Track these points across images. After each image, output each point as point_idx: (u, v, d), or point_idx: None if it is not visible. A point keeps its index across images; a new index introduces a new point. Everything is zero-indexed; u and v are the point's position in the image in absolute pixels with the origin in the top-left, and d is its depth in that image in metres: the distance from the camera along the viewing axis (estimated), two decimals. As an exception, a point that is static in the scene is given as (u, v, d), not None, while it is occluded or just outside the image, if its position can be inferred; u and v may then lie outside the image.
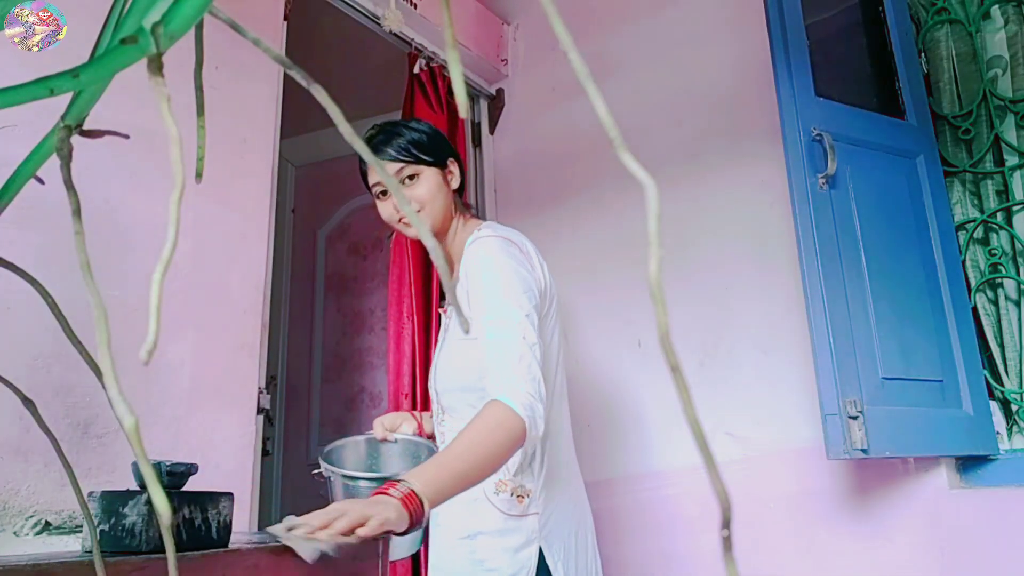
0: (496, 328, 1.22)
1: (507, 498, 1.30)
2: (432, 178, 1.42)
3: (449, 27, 0.22)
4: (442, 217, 1.44)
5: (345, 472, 1.34)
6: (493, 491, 1.30)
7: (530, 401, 1.13)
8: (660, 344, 0.19)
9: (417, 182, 1.41)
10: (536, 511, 1.30)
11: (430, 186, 1.42)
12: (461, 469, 1.07)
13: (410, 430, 1.52)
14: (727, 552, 0.19)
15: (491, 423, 1.11)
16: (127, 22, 0.26)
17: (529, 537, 1.28)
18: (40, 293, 0.34)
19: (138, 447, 0.22)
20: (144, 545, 0.77)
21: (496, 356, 1.20)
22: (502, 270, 1.29)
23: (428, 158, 1.43)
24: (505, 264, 1.30)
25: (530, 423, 1.12)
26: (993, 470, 1.78)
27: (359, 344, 2.98)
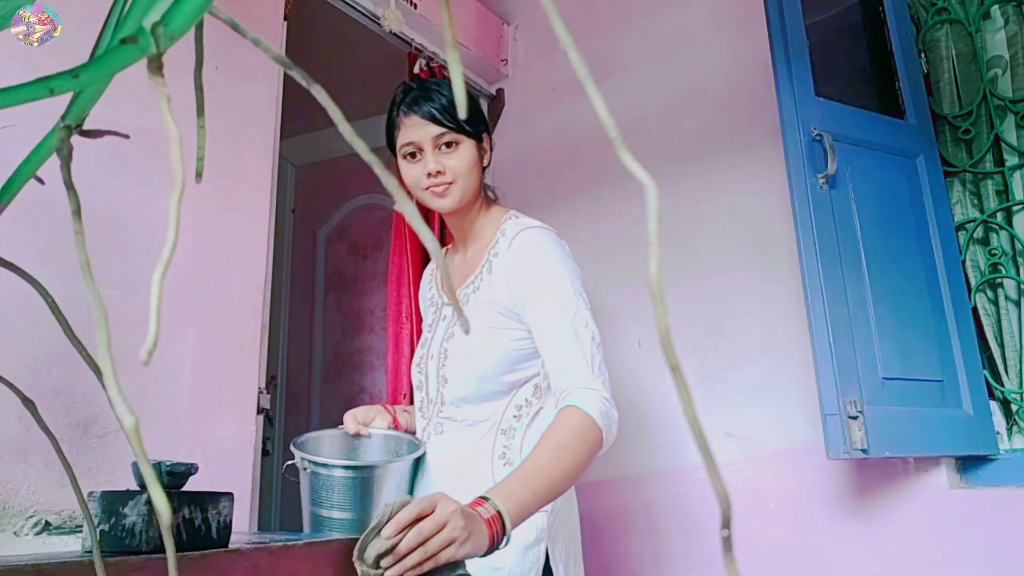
0: (570, 325, 1.18)
1: None
2: (471, 150, 1.33)
3: (449, 27, 0.22)
4: (472, 194, 1.35)
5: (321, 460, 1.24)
6: None
7: (607, 408, 1.11)
8: (660, 344, 0.19)
9: (455, 151, 1.31)
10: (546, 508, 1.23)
11: (468, 159, 1.32)
12: (543, 486, 1.03)
13: (384, 424, 1.41)
14: (727, 552, 0.19)
15: (572, 433, 1.07)
16: (127, 22, 0.26)
17: (538, 535, 1.22)
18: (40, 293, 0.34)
19: (138, 447, 0.22)
20: (144, 545, 0.77)
21: (570, 355, 1.16)
22: (566, 266, 1.25)
23: (469, 128, 1.32)
24: (566, 260, 1.26)
25: (607, 432, 1.10)
26: (993, 470, 1.78)
27: (359, 344, 2.98)
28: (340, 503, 1.20)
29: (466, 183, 1.31)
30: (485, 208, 1.40)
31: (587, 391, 1.12)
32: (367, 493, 1.21)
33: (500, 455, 1.26)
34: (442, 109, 1.30)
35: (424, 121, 1.30)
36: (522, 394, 1.29)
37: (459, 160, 1.31)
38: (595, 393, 1.12)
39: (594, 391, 1.12)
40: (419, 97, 1.31)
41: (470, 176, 1.32)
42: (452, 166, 1.30)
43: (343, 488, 1.20)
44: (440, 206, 1.34)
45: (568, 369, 1.15)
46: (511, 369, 1.27)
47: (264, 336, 1.71)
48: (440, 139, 1.30)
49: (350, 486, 1.20)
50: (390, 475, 1.25)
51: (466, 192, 1.33)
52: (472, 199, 1.36)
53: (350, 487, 1.20)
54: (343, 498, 1.20)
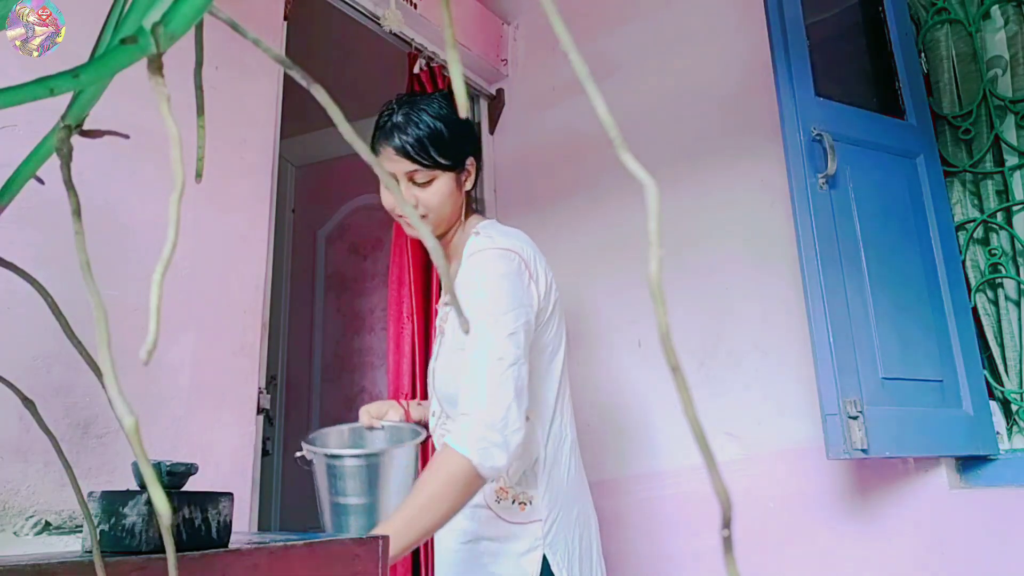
0: (472, 352, 1.18)
1: (508, 505, 1.27)
2: (445, 184, 1.31)
3: (449, 27, 0.22)
4: (447, 221, 1.35)
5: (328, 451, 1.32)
6: (494, 499, 1.27)
7: (483, 442, 1.09)
8: (660, 344, 0.19)
9: (429, 186, 1.30)
10: (539, 518, 1.26)
11: (441, 193, 1.30)
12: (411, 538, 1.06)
13: (396, 417, 1.47)
14: (727, 552, 0.19)
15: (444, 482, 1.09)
16: (127, 22, 0.26)
17: (532, 544, 1.24)
18: (40, 293, 0.34)
19: (138, 447, 0.22)
20: (144, 545, 0.77)
21: (466, 380, 1.17)
22: (490, 288, 1.23)
23: (446, 161, 1.30)
24: (495, 282, 1.23)
25: (484, 470, 1.09)
26: (993, 470, 1.78)
27: (359, 344, 2.98)
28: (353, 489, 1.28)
29: (439, 215, 1.31)
30: (463, 225, 1.38)
31: (464, 421, 1.12)
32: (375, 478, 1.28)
33: None
34: (417, 145, 1.27)
35: (397, 156, 1.28)
36: None
37: (432, 195, 1.30)
38: (469, 423, 1.11)
39: (468, 419, 1.11)
40: (394, 129, 1.28)
41: (444, 208, 1.31)
42: (425, 200, 1.29)
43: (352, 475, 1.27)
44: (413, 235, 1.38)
45: (466, 395, 1.15)
46: None
47: (264, 336, 1.71)
48: (413, 175, 1.28)
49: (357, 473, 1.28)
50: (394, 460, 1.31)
51: (439, 222, 1.33)
52: (449, 225, 1.36)
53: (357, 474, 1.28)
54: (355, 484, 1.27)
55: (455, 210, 1.35)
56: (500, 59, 2.73)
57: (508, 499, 1.27)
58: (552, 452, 1.30)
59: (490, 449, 1.09)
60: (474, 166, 1.37)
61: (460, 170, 1.33)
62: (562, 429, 1.33)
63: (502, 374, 1.14)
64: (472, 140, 1.38)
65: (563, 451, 1.32)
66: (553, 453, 1.30)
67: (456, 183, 1.33)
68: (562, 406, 1.34)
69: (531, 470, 1.28)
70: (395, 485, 1.30)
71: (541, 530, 1.25)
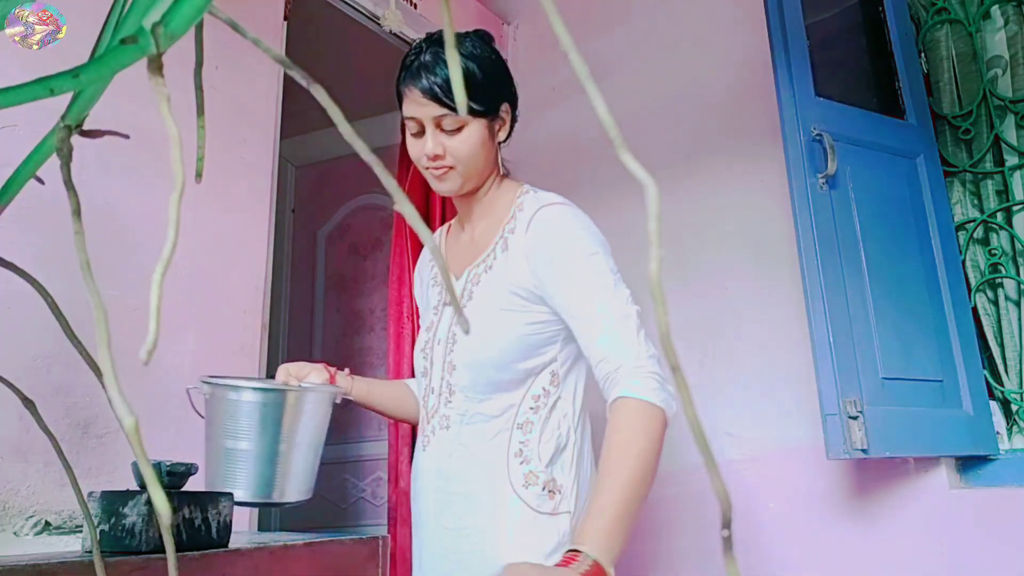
0: (609, 305, 1.08)
1: (538, 492, 1.11)
2: (477, 132, 1.17)
3: (449, 27, 0.22)
4: (478, 175, 1.21)
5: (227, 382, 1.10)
6: (522, 483, 1.12)
7: (658, 383, 1.02)
8: (660, 344, 0.19)
9: (459, 133, 1.16)
10: (568, 509, 1.12)
11: (472, 141, 1.17)
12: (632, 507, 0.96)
13: (319, 380, 1.27)
14: (727, 552, 0.19)
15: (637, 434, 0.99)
16: (127, 22, 0.26)
17: (560, 540, 1.10)
18: (40, 293, 0.34)
19: (138, 447, 0.22)
20: (144, 545, 0.77)
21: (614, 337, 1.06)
22: (597, 242, 1.15)
23: (478, 106, 1.17)
24: (596, 236, 1.17)
25: (668, 408, 1.02)
26: (993, 470, 1.78)
27: (359, 344, 2.98)
28: (246, 432, 1.07)
29: (469, 167, 1.18)
30: (498, 183, 1.27)
31: (634, 373, 1.02)
32: (276, 423, 1.10)
33: (516, 452, 1.14)
34: (445, 86, 1.13)
35: (425, 99, 1.15)
36: (539, 383, 1.16)
37: (461, 143, 1.16)
38: (642, 371, 1.02)
39: (640, 369, 1.03)
40: (422, 69, 1.15)
41: (475, 159, 1.18)
42: (454, 149, 1.16)
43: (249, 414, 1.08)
44: (439, 189, 1.23)
45: (612, 352, 1.06)
46: (527, 355, 1.15)
47: (264, 336, 1.71)
48: (441, 120, 1.15)
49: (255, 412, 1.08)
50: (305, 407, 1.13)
51: (469, 176, 1.20)
52: (479, 180, 1.23)
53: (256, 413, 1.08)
54: (249, 426, 1.07)
55: (488, 163, 1.22)
56: (500, 59, 2.73)
57: (538, 484, 1.12)
58: (579, 436, 1.18)
59: (665, 385, 1.03)
60: (509, 114, 1.24)
61: (494, 117, 1.21)
62: (584, 413, 1.22)
63: (641, 323, 1.08)
64: (508, 84, 1.26)
65: (587, 437, 1.21)
66: (580, 437, 1.18)
67: (489, 132, 1.20)
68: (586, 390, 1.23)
69: (560, 453, 1.15)
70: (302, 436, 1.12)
71: (569, 524, 1.11)
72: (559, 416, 1.16)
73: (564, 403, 1.17)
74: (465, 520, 1.13)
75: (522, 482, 1.11)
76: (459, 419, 1.17)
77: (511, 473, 1.12)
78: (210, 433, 1.11)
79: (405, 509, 2.28)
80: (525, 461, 1.12)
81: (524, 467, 1.12)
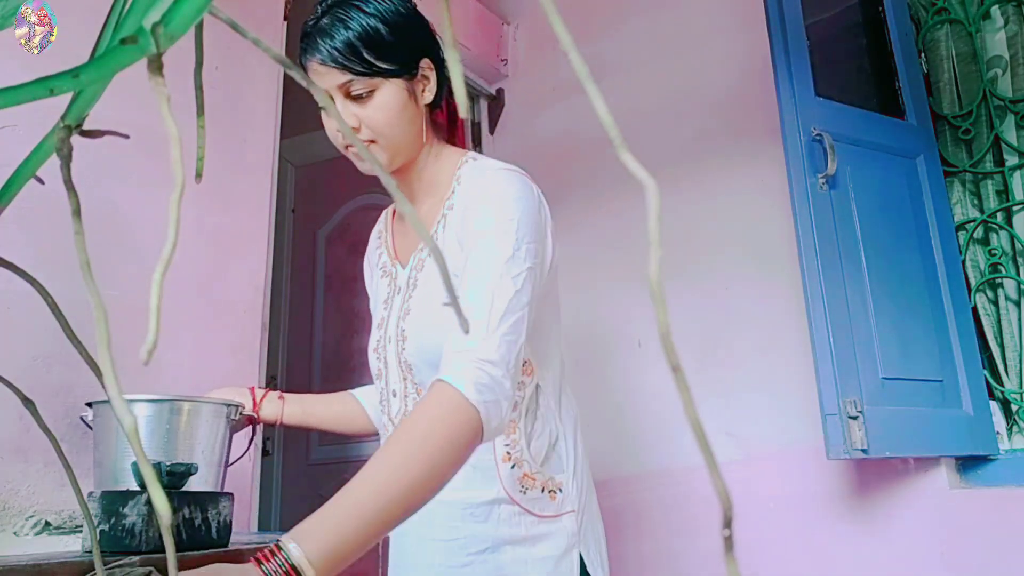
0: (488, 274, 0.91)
1: (537, 496, 1.02)
2: (392, 95, 1.01)
3: (449, 27, 0.22)
4: (407, 146, 1.05)
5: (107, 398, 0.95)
6: (519, 489, 1.01)
7: (485, 376, 0.82)
8: (661, 344, 0.19)
9: (371, 100, 1.00)
10: (571, 508, 1.03)
11: (388, 106, 1.01)
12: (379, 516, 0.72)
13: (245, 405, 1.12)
14: (728, 552, 0.19)
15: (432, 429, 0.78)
16: (127, 22, 0.26)
17: (569, 542, 1.01)
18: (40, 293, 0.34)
19: (137, 447, 0.22)
20: (144, 545, 0.77)
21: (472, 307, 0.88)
22: (519, 210, 0.97)
23: (388, 65, 1.00)
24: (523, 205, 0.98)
25: (485, 410, 0.80)
26: (993, 470, 1.78)
27: (359, 344, 2.97)
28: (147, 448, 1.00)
29: (391, 139, 1.03)
30: (435, 154, 1.11)
31: (462, 356, 0.83)
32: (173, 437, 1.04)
33: (504, 456, 1.01)
34: (346, 49, 0.98)
35: (325, 68, 1.00)
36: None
37: (376, 110, 1.00)
38: (470, 356, 0.83)
39: (469, 353, 0.83)
40: (318, 35, 1.00)
41: (395, 128, 1.02)
42: (368, 118, 1.01)
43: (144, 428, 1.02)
44: (364, 169, 1.08)
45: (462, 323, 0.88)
46: None
47: (264, 336, 1.71)
48: (348, 87, 1.00)
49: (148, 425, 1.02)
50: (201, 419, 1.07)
51: (394, 148, 1.04)
52: (409, 153, 1.07)
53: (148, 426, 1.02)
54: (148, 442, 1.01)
55: (414, 131, 1.05)
56: (500, 59, 2.73)
57: (536, 487, 1.02)
58: (569, 428, 1.08)
59: (499, 401, 0.82)
60: (433, 70, 1.07)
61: (411, 76, 1.04)
62: (570, 404, 1.12)
63: (514, 310, 0.89)
64: (423, 36, 1.08)
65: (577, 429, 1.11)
66: (570, 429, 1.08)
67: (409, 93, 1.03)
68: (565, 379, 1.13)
69: (553, 449, 1.04)
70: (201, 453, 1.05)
71: (575, 523, 1.02)
72: (544, 409, 1.05)
73: (546, 393, 1.05)
74: (459, 531, 1.01)
75: (518, 487, 1.01)
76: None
77: (503, 480, 1.01)
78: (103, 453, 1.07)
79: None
80: (517, 464, 1.01)
81: (517, 471, 1.01)
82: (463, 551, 1.01)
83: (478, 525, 1.00)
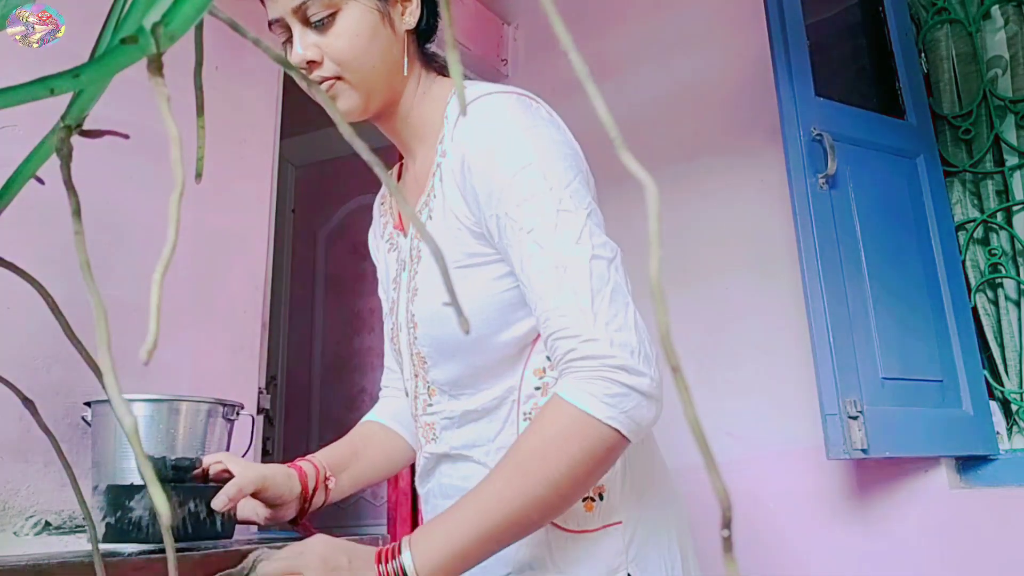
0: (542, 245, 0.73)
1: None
2: (360, 18, 0.84)
3: (449, 27, 0.22)
4: (383, 82, 0.87)
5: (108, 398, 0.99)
6: None
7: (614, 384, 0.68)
8: (661, 344, 0.19)
9: (331, 25, 0.83)
10: (618, 519, 0.82)
11: (352, 31, 0.83)
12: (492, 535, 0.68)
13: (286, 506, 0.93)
14: (727, 552, 0.19)
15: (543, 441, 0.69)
16: (127, 22, 0.26)
17: (611, 563, 0.81)
18: (40, 293, 0.34)
19: (137, 447, 0.22)
20: (150, 538, 0.78)
21: (552, 296, 0.72)
22: (536, 144, 0.78)
23: None
24: (537, 133, 0.80)
25: (624, 422, 0.69)
26: (993, 470, 1.78)
27: (359, 344, 2.98)
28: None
29: (361, 74, 0.85)
30: (424, 90, 0.91)
31: (579, 365, 0.70)
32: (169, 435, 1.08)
33: None
34: None
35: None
36: (537, 354, 0.84)
37: (337, 37, 0.83)
38: (592, 365, 0.69)
39: (590, 360, 0.69)
40: None
41: (364, 58, 0.84)
42: (330, 47, 0.83)
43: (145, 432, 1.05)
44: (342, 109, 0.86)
45: (553, 322, 0.72)
46: (506, 322, 0.83)
47: (264, 336, 1.71)
48: (305, 10, 0.83)
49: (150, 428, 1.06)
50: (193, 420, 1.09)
51: (368, 87, 0.86)
52: (389, 91, 0.89)
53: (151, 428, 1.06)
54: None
55: (390, 62, 0.87)
56: (500, 59, 2.73)
57: None
58: None
59: (626, 389, 0.69)
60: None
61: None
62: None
63: (607, 276, 0.72)
64: None
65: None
66: None
67: (381, 15, 0.85)
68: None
69: None
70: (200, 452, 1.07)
71: (622, 538, 0.82)
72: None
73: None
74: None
75: None
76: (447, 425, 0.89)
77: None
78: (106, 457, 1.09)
79: (405, 509, 2.28)
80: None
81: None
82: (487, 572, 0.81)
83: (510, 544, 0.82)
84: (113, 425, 1.09)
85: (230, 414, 1.17)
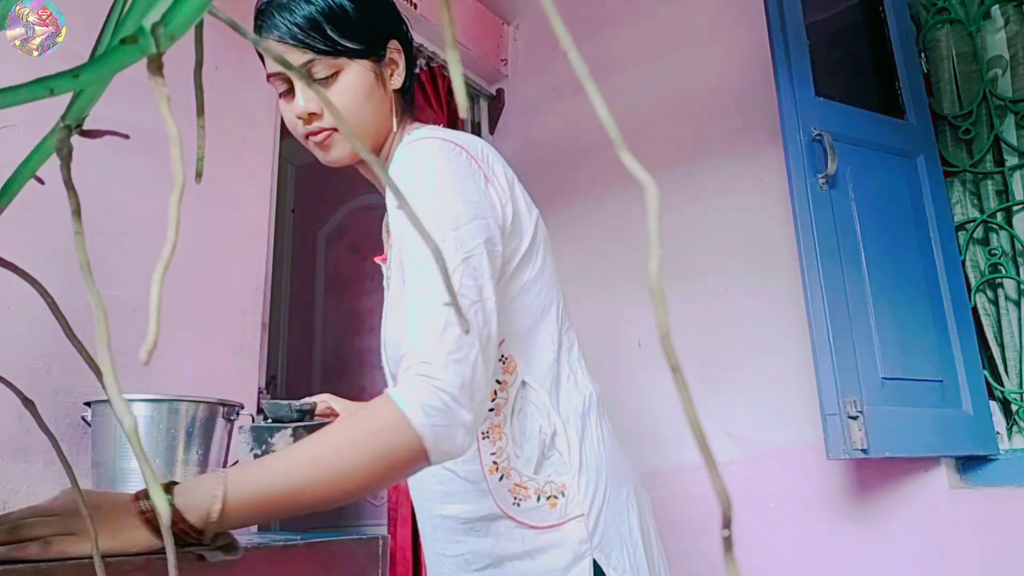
0: (413, 284, 0.81)
1: (533, 506, 0.91)
2: (358, 77, 0.94)
3: (449, 27, 0.22)
4: (372, 135, 0.98)
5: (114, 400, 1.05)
6: (512, 502, 0.91)
7: (440, 402, 0.73)
8: (660, 344, 0.19)
9: (335, 82, 0.94)
10: (579, 512, 0.91)
11: (353, 90, 0.94)
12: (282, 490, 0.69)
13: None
14: (727, 552, 0.19)
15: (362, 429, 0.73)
16: (127, 22, 0.26)
17: (577, 550, 0.89)
18: (40, 293, 0.34)
19: (137, 447, 0.22)
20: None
21: (412, 325, 0.79)
22: (440, 183, 0.85)
23: (353, 44, 0.93)
24: (443, 177, 0.86)
25: (432, 437, 0.72)
26: (993, 470, 1.78)
27: (359, 344, 2.98)
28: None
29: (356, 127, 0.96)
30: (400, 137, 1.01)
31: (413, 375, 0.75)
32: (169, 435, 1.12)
33: (491, 467, 0.92)
34: (307, 24, 0.91)
35: (283, 46, 0.93)
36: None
37: (340, 94, 0.94)
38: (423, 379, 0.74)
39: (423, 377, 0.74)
40: (276, 10, 0.93)
41: (361, 115, 0.95)
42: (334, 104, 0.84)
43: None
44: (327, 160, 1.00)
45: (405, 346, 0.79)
46: None
47: (264, 336, 1.71)
48: (310, 68, 0.93)
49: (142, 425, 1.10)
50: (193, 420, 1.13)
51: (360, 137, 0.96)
52: (376, 141, 1.00)
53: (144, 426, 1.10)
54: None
55: (382, 116, 0.98)
56: (500, 59, 2.73)
57: (530, 497, 0.91)
58: (573, 418, 0.95)
59: (453, 428, 0.73)
60: (401, 53, 1.00)
61: (379, 57, 0.97)
62: (578, 387, 0.99)
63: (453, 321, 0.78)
64: (392, 17, 1.01)
65: (590, 415, 0.97)
66: (574, 420, 0.95)
67: (376, 76, 0.96)
68: (571, 360, 1.01)
69: (550, 449, 0.92)
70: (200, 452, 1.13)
71: (584, 528, 0.90)
72: (534, 407, 0.93)
73: (535, 388, 0.93)
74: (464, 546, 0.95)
75: (510, 500, 0.91)
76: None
77: (495, 494, 0.91)
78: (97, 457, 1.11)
79: (405, 509, 2.28)
80: (505, 475, 0.91)
81: (506, 482, 0.91)
82: (469, 566, 0.95)
83: (480, 540, 0.93)
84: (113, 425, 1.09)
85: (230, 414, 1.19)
